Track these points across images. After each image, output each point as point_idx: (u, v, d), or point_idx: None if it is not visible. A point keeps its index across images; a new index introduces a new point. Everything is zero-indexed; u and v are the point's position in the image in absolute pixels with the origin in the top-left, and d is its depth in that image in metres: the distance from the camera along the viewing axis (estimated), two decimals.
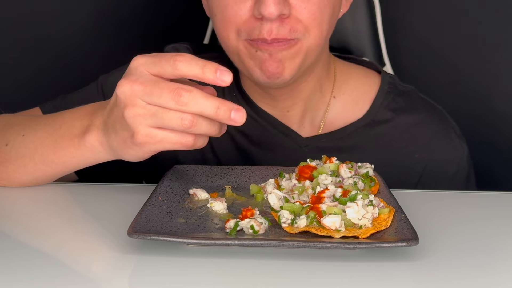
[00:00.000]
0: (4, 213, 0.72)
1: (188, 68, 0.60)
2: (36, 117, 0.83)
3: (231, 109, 0.60)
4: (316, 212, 0.61)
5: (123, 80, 0.63)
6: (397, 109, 0.96)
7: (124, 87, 0.62)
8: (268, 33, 0.79)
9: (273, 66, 0.81)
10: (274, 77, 0.82)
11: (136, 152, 0.67)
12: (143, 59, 0.63)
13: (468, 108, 1.39)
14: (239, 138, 0.96)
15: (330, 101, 0.96)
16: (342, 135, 0.94)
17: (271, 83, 0.83)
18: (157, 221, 0.62)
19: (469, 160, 0.99)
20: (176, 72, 0.61)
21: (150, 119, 0.62)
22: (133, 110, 0.62)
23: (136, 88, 0.62)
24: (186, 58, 0.61)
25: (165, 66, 0.61)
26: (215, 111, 0.60)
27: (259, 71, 0.82)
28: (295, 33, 0.80)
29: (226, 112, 0.60)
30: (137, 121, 0.62)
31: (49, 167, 0.76)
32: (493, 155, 1.39)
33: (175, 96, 0.60)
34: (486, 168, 1.33)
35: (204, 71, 0.60)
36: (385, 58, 1.31)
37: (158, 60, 0.62)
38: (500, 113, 1.39)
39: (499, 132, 1.40)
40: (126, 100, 0.62)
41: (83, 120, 0.72)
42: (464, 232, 0.67)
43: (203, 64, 0.60)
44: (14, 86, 1.42)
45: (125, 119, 0.63)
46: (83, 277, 0.56)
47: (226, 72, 0.60)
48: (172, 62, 0.61)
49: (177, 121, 0.61)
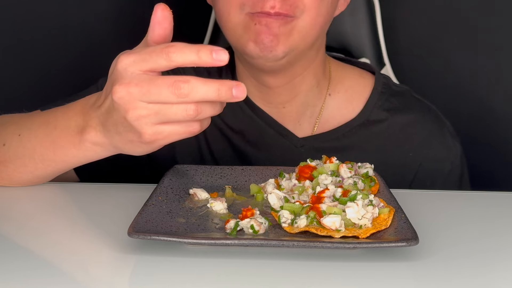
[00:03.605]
0: (4, 213, 0.72)
1: (183, 57, 0.60)
2: (29, 116, 0.82)
3: (232, 87, 0.60)
4: (316, 212, 0.61)
5: (116, 86, 0.61)
6: (391, 109, 0.97)
7: (120, 92, 0.61)
8: (272, 6, 0.80)
9: (268, 39, 0.82)
10: (267, 50, 0.82)
11: (144, 149, 0.67)
12: (130, 57, 0.61)
13: (468, 108, 1.40)
14: (235, 139, 0.96)
15: (326, 98, 0.96)
16: (337, 135, 0.95)
17: (263, 57, 0.84)
18: (157, 221, 0.62)
19: (463, 159, 1.01)
20: (171, 64, 0.60)
21: (155, 117, 0.62)
22: (135, 113, 0.61)
23: (133, 91, 0.61)
24: (178, 47, 0.60)
25: (158, 60, 0.60)
26: (217, 94, 0.60)
27: (253, 44, 0.83)
28: (295, 10, 0.82)
29: (227, 91, 0.60)
30: (142, 122, 0.62)
31: (50, 166, 0.76)
32: (492, 156, 1.39)
33: (175, 90, 0.59)
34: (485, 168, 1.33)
35: (200, 56, 0.59)
36: (385, 58, 1.31)
37: (148, 56, 0.61)
38: (500, 114, 1.39)
39: (498, 132, 1.40)
40: (126, 105, 0.61)
41: (77, 120, 0.71)
42: (464, 232, 0.67)
43: (197, 49, 0.59)
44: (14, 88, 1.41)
45: (128, 122, 0.62)
46: (83, 277, 0.56)
47: (221, 51, 0.59)
48: (165, 55, 0.60)
49: (182, 113, 0.61)
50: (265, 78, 0.91)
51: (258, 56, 0.83)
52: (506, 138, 1.40)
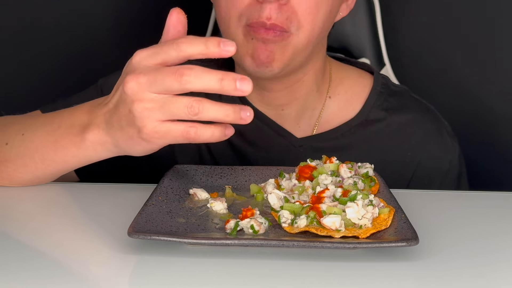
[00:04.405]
0: (4, 213, 0.72)
1: (192, 48, 0.62)
2: (35, 117, 0.83)
3: (236, 79, 0.61)
4: (316, 212, 0.61)
5: (129, 76, 0.63)
6: (390, 108, 0.98)
7: (131, 82, 0.63)
8: (268, 17, 0.80)
9: (264, 55, 0.82)
10: (263, 65, 0.83)
11: (143, 147, 0.67)
12: (144, 52, 0.64)
13: (468, 108, 1.40)
14: (234, 138, 0.96)
15: (326, 101, 0.97)
16: (336, 134, 0.95)
17: (260, 73, 0.84)
18: (157, 221, 0.62)
19: (461, 159, 1.01)
20: (181, 54, 0.62)
21: (158, 112, 0.63)
22: (141, 105, 0.63)
23: (141, 81, 0.62)
24: (188, 39, 0.62)
25: (169, 51, 0.62)
26: (219, 83, 0.60)
27: (250, 59, 0.84)
28: (290, 25, 0.82)
29: (230, 82, 0.61)
30: (145, 115, 0.63)
31: (50, 166, 0.76)
32: (492, 155, 1.39)
33: (178, 77, 0.61)
34: (485, 168, 1.33)
35: (208, 46, 0.61)
36: (385, 58, 1.31)
37: (160, 49, 0.63)
38: (500, 114, 1.39)
39: (498, 132, 1.40)
40: (134, 95, 0.63)
41: (82, 119, 0.72)
42: (464, 232, 0.67)
43: (205, 40, 0.62)
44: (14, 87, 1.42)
45: (132, 114, 0.64)
46: (83, 277, 0.56)
47: (229, 42, 0.61)
48: (175, 46, 0.62)
49: (184, 109, 0.62)
50: (263, 83, 0.92)
51: (255, 71, 0.85)
52: (506, 138, 1.40)
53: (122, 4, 1.42)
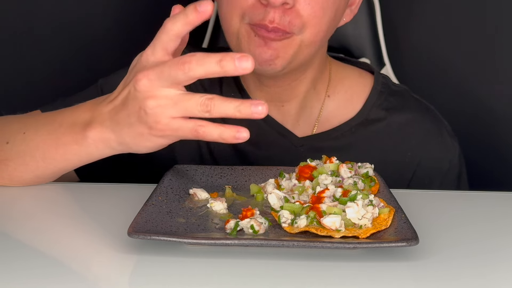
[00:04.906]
0: (4, 213, 0.72)
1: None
2: (36, 116, 0.83)
3: (234, 58, 0.60)
4: (316, 212, 0.61)
5: (140, 74, 0.64)
6: (390, 108, 0.98)
7: (143, 80, 0.63)
8: (270, 20, 0.80)
9: (267, 54, 0.82)
10: (266, 64, 0.83)
11: (154, 143, 0.67)
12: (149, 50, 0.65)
13: (468, 108, 1.40)
14: None
15: (325, 100, 0.97)
16: (336, 134, 0.95)
17: (262, 70, 0.85)
18: (157, 221, 0.62)
19: (461, 158, 1.01)
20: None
21: (172, 109, 0.63)
22: (154, 102, 0.63)
23: (151, 77, 0.63)
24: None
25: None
26: (219, 65, 0.60)
27: (253, 56, 0.83)
28: (292, 28, 0.82)
29: (229, 62, 0.60)
30: (158, 111, 0.63)
31: (51, 164, 0.76)
32: (492, 156, 1.39)
33: (181, 66, 0.61)
34: (485, 168, 1.33)
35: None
36: (385, 58, 1.31)
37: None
38: (500, 114, 1.39)
39: (498, 132, 1.40)
40: (146, 92, 0.63)
41: (84, 117, 0.72)
42: (464, 232, 0.67)
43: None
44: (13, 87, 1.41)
45: (143, 111, 0.64)
46: (83, 277, 0.56)
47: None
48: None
49: (197, 107, 0.62)
50: (264, 80, 0.92)
51: (257, 69, 0.84)
52: (506, 138, 1.40)
53: (122, 4, 1.42)
